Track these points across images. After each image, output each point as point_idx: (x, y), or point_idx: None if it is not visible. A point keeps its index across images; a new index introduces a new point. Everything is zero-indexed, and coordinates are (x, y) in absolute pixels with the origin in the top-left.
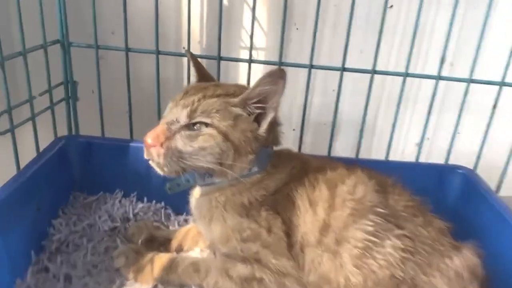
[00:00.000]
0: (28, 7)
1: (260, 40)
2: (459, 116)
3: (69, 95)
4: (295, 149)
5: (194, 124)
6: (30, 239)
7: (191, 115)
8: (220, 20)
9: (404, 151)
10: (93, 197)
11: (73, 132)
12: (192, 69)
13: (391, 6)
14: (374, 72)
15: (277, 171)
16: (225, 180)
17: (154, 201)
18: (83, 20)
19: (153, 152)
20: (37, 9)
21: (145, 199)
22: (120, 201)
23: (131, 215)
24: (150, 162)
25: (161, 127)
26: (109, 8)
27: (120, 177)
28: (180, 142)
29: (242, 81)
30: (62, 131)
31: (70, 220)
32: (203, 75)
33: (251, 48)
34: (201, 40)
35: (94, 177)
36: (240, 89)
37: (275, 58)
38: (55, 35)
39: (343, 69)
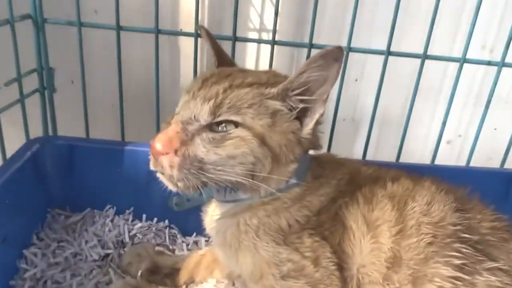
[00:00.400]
0: None
1: (271, 21)
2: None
3: (44, 85)
4: None
5: (220, 123)
6: None
7: (215, 111)
8: None
9: (432, 150)
10: (78, 215)
11: (50, 133)
12: (207, 53)
13: None
14: (425, 56)
15: (320, 183)
16: (255, 196)
17: (155, 219)
18: None
19: (164, 161)
20: None
21: (144, 216)
22: (112, 220)
23: (126, 238)
24: (159, 174)
25: (174, 128)
26: None
27: (111, 189)
28: (201, 148)
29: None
30: (36, 131)
31: (47, 248)
32: (223, 59)
33: (274, 27)
34: (202, 20)
35: (77, 189)
36: (274, 76)
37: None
38: (25, 9)
39: (388, 53)
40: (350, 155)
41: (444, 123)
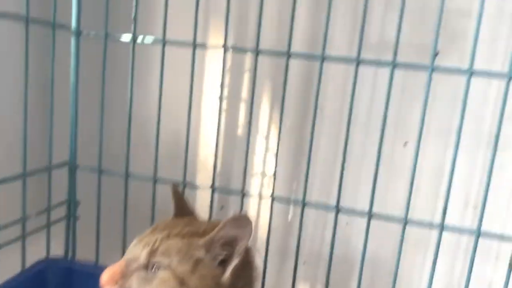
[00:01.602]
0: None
1: (272, 169)
2: None
3: (70, 214)
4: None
5: (153, 265)
6: None
7: (150, 255)
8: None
9: None
10: None
11: (70, 255)
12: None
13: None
14: (406, 222)
15: None
16: None
17: None
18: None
19: None
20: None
21: None
22: None
23: None
24: None
25: (119, 265)
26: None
27: None
28: (135, 285)
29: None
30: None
31: None
32: (181, 210)
33: (273, 186)
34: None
35: None
36: (214, 227)
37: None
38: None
39: (370, 216)
40: None
41: (431, 277)
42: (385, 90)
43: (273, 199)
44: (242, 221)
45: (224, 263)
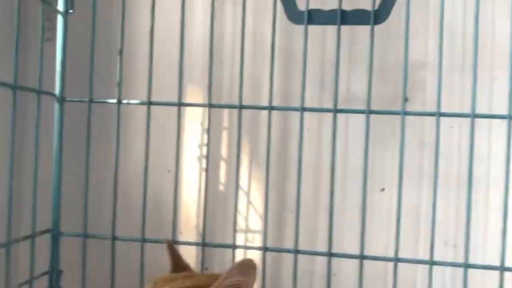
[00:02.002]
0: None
1: (255, 223)
2: None
3: (52, 285)
4: None
5: None
6: None
7: None
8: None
9: None
10: None
11: None
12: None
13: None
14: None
15: None
16: None
17: None
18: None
19: None
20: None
21: None
22: None
23: None
24: None
25: None
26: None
27: None
28: None
29: None
30: None
31: None
32: (177, 265)
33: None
34: (198, 225)
35: None
36: (213, 280)
37: (271, 241)
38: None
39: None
40: None
41: None
42: (357, 139)
43: (265, 249)
44: (249, 267)
45: None
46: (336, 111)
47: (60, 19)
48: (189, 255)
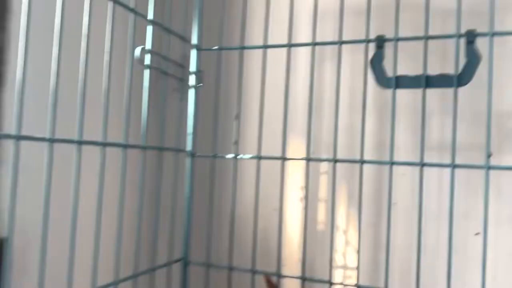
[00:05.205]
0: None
1: (353, 260)
2: None
3: None
4: None
5: None
6: None
7: None
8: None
9: None
10: None
11: None
12: None
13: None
14: None
15: None
16: None
17: None
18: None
19: None
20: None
21: None
22: None
23: None
24: None
25: None
26: (226, 232)
27: None
28: None
29: None
30: None
31: None
32: None
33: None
34: (300, 259)
35: None
36: None
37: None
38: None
39: None
40: None
41: None
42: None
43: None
44: None
45: None
46: (422, 165)
47: (191, 92)
48: (291, 286)
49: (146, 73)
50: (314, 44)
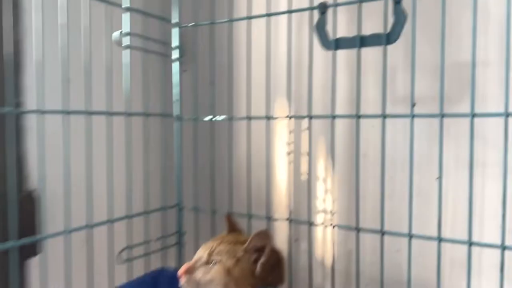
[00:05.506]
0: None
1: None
2: None
3: (179, 241)
4: None
5: (211, 261)
6: None
7: (209, 255)
8: None
9: None
10: None
11: (178, 266)
12: None
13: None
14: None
15: None
16: None
17: None
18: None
19: (182, 279)
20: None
21: None
22: None
23: None
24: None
25: (190, 263)
26: (220, 182)
27: None
28: (199, 273)
29: None
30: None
31: None
32: (232, 229)
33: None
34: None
35: None
36: (246, 240)
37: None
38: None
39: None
40: None
41: None
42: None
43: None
44: (263, 235)
45: (257, 261)
46: (384, 116)
47: (175, 64)
48: (281, 229)
49: (125, 53)
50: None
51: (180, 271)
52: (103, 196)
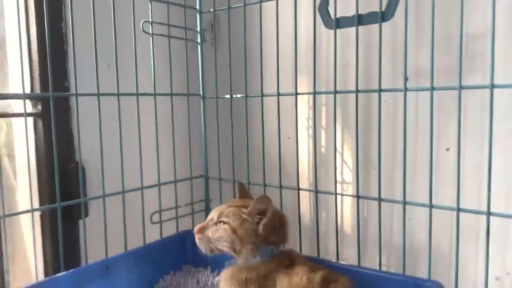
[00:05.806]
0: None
1: (348, 176)
2: None
3: (206, 207)
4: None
5: (220, 221)
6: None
7: (219, 216)
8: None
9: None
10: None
11: None
12: None
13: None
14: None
15: (271, 262)
16: (239, 262)
17: None
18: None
19: (197, 237)
20: None
21: None
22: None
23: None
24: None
25: (203, 223)
26: (247, 155)
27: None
28: (210, 232)
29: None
30: None
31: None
32: (243, 195)
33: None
34: (309, 177)
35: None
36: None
37: (360, 190)
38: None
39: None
40: None
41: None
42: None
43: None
44: (263, 199)
45: (259, 223)
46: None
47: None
48: (304, 198)
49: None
50: None
51: (195, 230)
52: (151, 163)
